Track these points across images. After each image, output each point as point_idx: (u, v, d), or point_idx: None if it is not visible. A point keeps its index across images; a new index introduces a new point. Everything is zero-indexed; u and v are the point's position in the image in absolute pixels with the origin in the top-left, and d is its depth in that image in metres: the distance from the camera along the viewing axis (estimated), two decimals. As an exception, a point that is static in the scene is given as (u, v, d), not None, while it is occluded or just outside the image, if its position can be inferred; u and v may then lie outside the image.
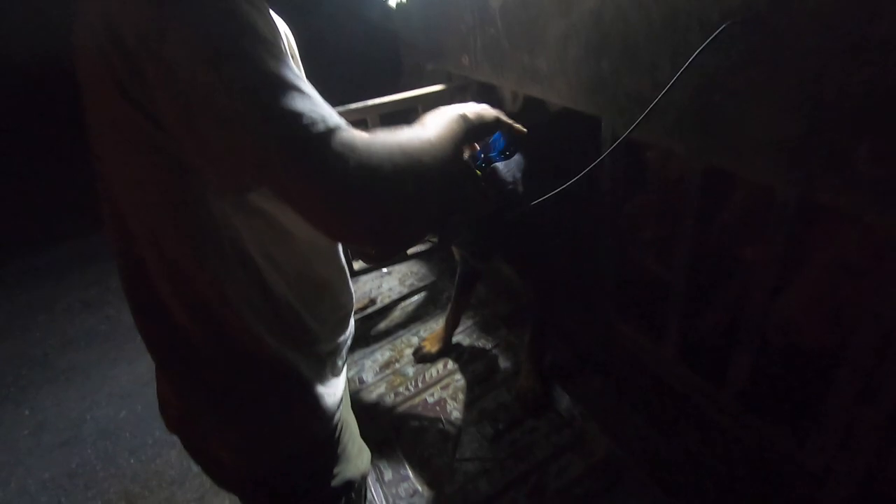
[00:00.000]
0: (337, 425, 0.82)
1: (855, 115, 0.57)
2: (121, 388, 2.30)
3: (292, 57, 0.79)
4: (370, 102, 1.39)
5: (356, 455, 0.91)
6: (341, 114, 1.28)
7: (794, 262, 0.83)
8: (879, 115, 0.54)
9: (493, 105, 0.75)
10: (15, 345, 2.71)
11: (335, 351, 0.80)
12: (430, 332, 1.52)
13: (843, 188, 0.60)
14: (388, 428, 1.23)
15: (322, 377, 0.78)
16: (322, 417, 0.79)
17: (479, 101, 0.93)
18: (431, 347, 1.43)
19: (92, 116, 0.56)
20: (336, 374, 0.83)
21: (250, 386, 0.70)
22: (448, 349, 1.44)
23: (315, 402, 0.76)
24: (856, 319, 0.70)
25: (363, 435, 1.16)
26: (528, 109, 1.36)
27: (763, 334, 0.89)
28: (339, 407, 0.83)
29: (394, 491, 1.09)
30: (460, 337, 1.48)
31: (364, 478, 0.92)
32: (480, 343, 1.45)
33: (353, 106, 1.37)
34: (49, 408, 2.30)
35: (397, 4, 1.47)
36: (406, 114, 1.57)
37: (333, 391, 0.79)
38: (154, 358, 0.70)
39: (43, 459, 2.07)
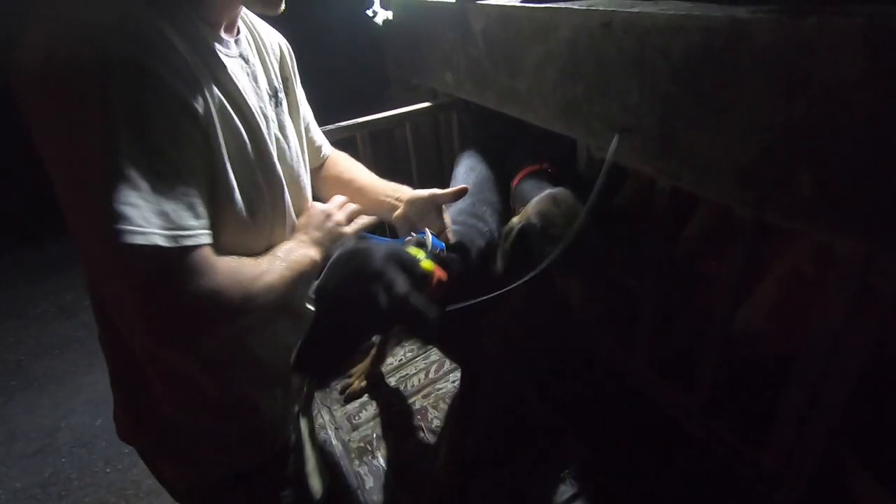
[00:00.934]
0: (286, 448, 0.84)
1: (798, 145, 0.62)
2: (96, 396, 2.27)
3: (284, 78, 0.82)
4: (359, 120, 1.42)
5: (310, 478, 0.92)
6: (331, 132, 1.31)
7: (754, 274, 0.89)
8: (819, 144, 0.60)
9: None
10: (-14, 351, 2.64)
11: (285, 374, 0.81)
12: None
13: (789, 210, 0.66)
14: (369, 436, 1.25)
15: (272, 401, 0.80)
16: (267, 441, 0.81)
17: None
18: (359, 383, 1.37)
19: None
20: (287, 396, 0.84)
21: (196, 415, 0.73)
22: (377, 383, 1.38)
23: (261, 425, 0.79)
24: (808, 326, 0.75)
25: (345, 443, 1.18)
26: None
27: (727, 344, 0.94)
28: (287, 430, 0.85)
29: (374, 498, 1.11)
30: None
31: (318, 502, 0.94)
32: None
33: (344, 124, 1.39)
34: (21, 415, 2.25)
35: (384, 21, 1.51)
36: (392, 130, 1.60)
37: (283, 414, 0.82)
38: (110, 373, 0.74)
39: (14, 469, 2.02)
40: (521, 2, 1.03)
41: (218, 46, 0.64)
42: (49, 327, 2.73)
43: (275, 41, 0.82)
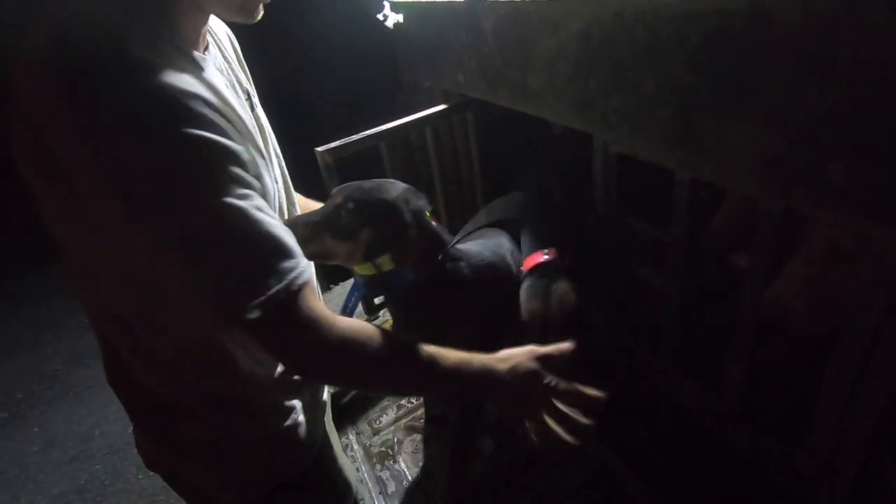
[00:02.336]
0: (321, 453, 0.83)
1: (826, 132, 0.59)
2: (128, 404, 2.34)
3: (238, 63, 0.74)
4: (382, 128, 1.38)
5: (340, 475, 0.92)
6: (353, 144, 1.29)
7: (782, 263, 0.84)
8: (848, 131, 0.57)
9: None
10: (25, 360, 2.75)
11: (316, 386, 0.82)
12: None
13: (818, 199, 0.63)
14: (390, 441, 1.24)
15: (304, 408, 0.79)
16: (305, 448, 0.80)
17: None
18: None
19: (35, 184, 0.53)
20: (318, 401, 0.84)
21: (229, 432, 0.71)
22: None
23: (297, 434, 0.78)
24: (846, 306, 0.70)
25: (366, 448, 1.18)
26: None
27: (756, 337, 0.90)
28: (321, 435, 0.84)
29: (396, 503, 1.11)
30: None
31: (354, 500, 0.93)
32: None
33: (366, 134, 1.36)
34: (58, 424, 2.33)
35: (395, 24, 1.51)
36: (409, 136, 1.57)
37: (313, 418, 0.81)
38: (129, 409, 0.71)
39: (52, 475, 2.09)
40: (531, -3, 1.01)
41: (202, 65, 0.58)
42: (84, 338, 2.83)
43: (222, 31, 0.74)
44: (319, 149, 1.25)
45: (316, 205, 0.94)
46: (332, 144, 1.27)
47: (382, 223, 0.87)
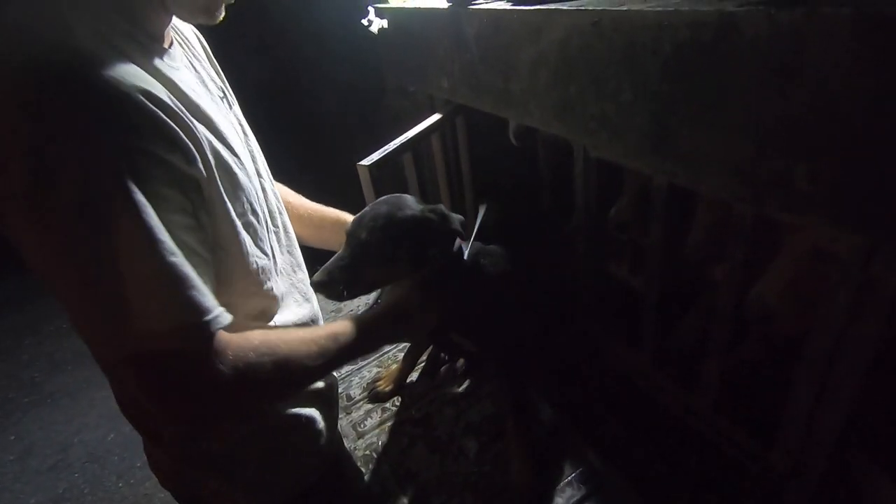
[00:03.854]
0: (339, 454, 0.84)
1: (791, 137, 0.61)
2: (109, 411, 2.29)
3: (209, 62, 0.73)
4: (403, 140, 1.35)
5: (356, 473, 0.93)
6: (391, 155, 1.28)
7: (758, 266, 0.87)
8: (812, 136, 0.59)
9: None
10: (2, 367, 2.68)
11: (332, 387, 0.83)
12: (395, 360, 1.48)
13: (786, 204, 0.65)
14: (375, 444, 1.24)
15: (322, 414, 0.80)
16: (325, 453, 0.81)
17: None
18: (385, 386, 1.37)
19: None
20: (333, 405, 0.85)
21: (252, 444, 0.71)
22: (401, 389, 1.38)
23: (318, 440, 0.79)
24: (822, 303, 0.73)
25: (350, 452, 1.18)
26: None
27: (732, 339, 0.93)
28: (338, 438, 0.85)
29: (381, 506, 1.11)
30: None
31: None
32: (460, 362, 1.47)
33: (391, 148, 1.32)
34: (35, 432, 2.28)
35: (379, 30, 1.52)
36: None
37: (330, 423, 0.82)
38: (143, 433, 0.71)
39: (30, 485, 2.05)
40: (513, 5, 1.03)
41: (167, 62, 0.57)
42: (62, 343, 2.77)
43: (189, 31, 0.73)
44: (363, 163, 1.21)
45: (303, 201, 0.98)
46: (374, 157, 1.24)
47: (417, 238, 0.91)
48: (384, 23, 1.52)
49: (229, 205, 0.60)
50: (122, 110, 0.46)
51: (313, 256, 0.93)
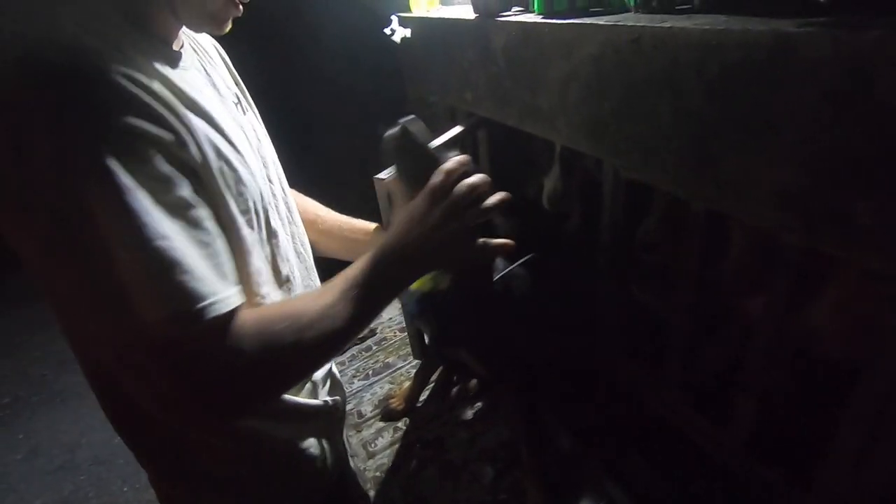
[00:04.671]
0: (337, 478, 0.81)
1: (852, 169, 0.57)
2: (116, 413, 2.29)
3: (225, 67, 0.72)
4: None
5: (361, 493, 0.90)
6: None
7: (800, 302, 0.82)
8: (878, 169, 0.55)
9: None
10: (12, 364, 2.69)
11: (336, 404, 0.79)
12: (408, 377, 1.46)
13: (842, 239, 0.60)
14: (385, 465, 1.20)
15: (323, 432, 0.77)
16: (328, 473, 0.78)
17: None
18: (398, 405, 1.34)
19: None
20: (337, 422, 0.81)
21: (251, 465, 0.68)
22: (413, 408, 1.35)
23: (319, 461, 0.75)
24: (883, 329, 0.67)
25: (360, 471, 1.14)
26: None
27: (771, 369, 0.87)
28: (342, 458, 0.82)
29: (390, 531, 1.07)
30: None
31: None
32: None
33: None
34: (43, 431, 2.28)
35: (402, 39, 1.50)
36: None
37: (333, 442, 0.78)
38: (138, 453, 0.68)
39: (35, 485, 2.04)
40: (543, 18, 1.00)
41: (173, 62, 0.57)
42: (72, 342, 2.78)
43: (206, 40, 0.73)
44: (379, 176, 1.17)
45: (332, 214, 0.95)
46: (392, 171, 1.18)
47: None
48: (407, 32, 1.49)
49: (230, 199, 0.57)
50: (101, 89, 0.44)
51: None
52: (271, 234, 0.67)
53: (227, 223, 0.57)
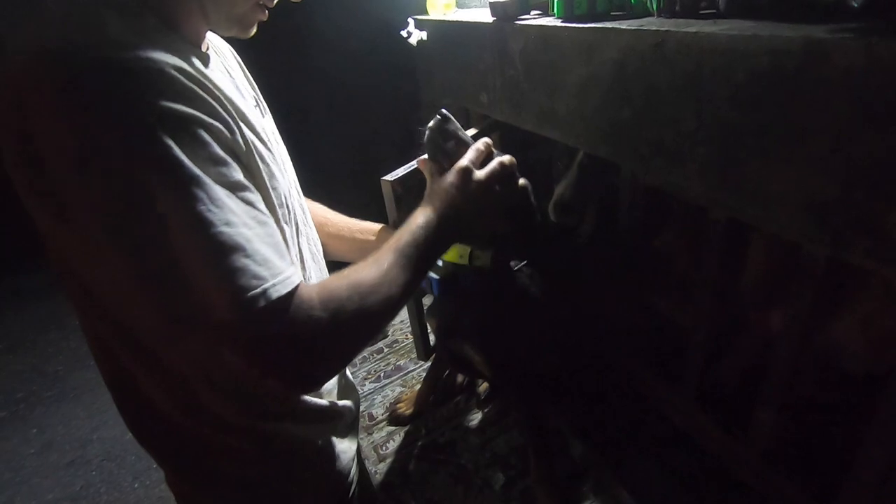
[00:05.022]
0: (352, 481, 0.80)
1: (885, 180, 0.55)
2: (128, 410, 2.31)
3: (242, 73, 0.73)
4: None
5: (375, 498, 0.89)
6: (409, 176, 1.24)
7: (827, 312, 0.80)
8: (914, 183, 0.53)
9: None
10: (27, 359, 2.72)
11: (353, 405, 0.79)
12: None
13: (876, 252, 0.59)
14: (396, 469, 1.20)
15: (342, 433, 0.76)
16: (346, 474, 0.77)
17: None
18: (406, 409, 1.33)
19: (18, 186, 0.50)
20: (353, 423, 0.81)
21: (272, 467, 0.68)
22: (423, 412, 1.34)
23: (338, 462, 0.75)
24: None
25: (371, 475, 1.14)
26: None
27: (792, 381, 0.86)
28: (353, 463, 0.82)
29: (401, 536, 1.06)
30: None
31: None
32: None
33: (416, 163, 1.27)
34: (57, 426, 2.30)
35: (418, 42, 1.50)
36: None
37: (347, 448, 0.78)
38: (156, 456, 0.68)
39: (48, 480, 2.05)
40: (563, 22, 0.99)
41: (203, 63, 0.57)
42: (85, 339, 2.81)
43: (220, 42, 0.73)
44: (386, 178, 1.17)
45: (341, 217, 0.95)
46: (399, 173, 1.18)
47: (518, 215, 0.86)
48: (423, 35, 1.49)
49: (265, 193, 0.58)
50: (156, 79, 0.45)
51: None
52: (298, 233, 0.69)
53: (268, 205, 0.58)
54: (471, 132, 1.42)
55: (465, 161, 0.74)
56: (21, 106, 0.44)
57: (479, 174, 0.73)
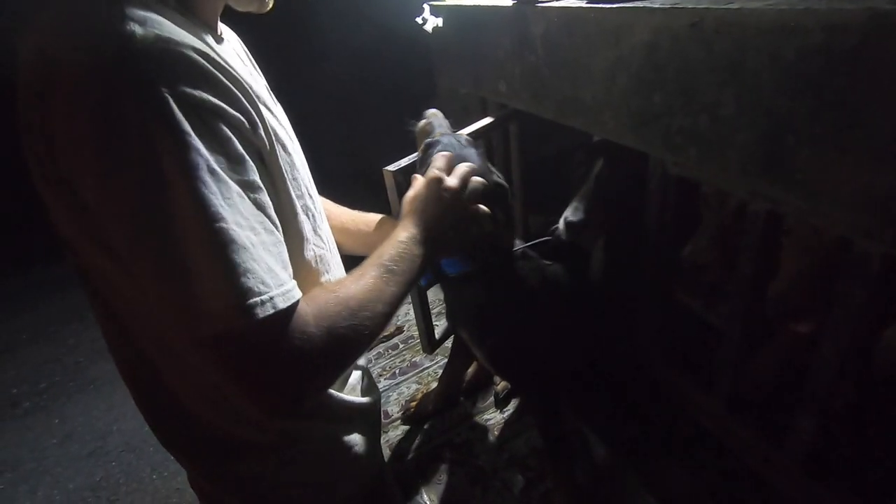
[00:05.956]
0: (374, 479, 0.79)
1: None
2: (146, 402, 2.33)
3: (250, 63, 0.71)
4: None
5: (396, 495, 0.89)
6: (413, 166, 1.20)
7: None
8: None
9: None
10: (49, 350, 2.77)
11: (374, 403, 0.77)
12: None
13: (945, 251, 0.53)
14: (411, 469, 1.17)
15: (365, 431, 0.75)
16: (366, 472, 0.76)
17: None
18: (422, 408, 1.28)
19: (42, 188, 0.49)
20: (376, 421, 0.79)
21: (294, 470, 0.66)
22: (439, 411, 1.28)
23: (361, 459, 0.73)
24: None
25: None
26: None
27: (839, 388, 0.80)
28: (379, 460, 0.80)
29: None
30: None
31: None
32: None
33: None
34: (78, 417, 2.33)
35: (433, 28, 1.45)
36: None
37: (371, 445, 0.76)
38: (178, 455, 0.66)
39: (69, 470, 2.09)
40: (588, 3, 0.93)
41: (221, 47, 0.56)
42: (106, 330, 2.84)
43: (229, 33, 0.71)
44: (389, 168, 1.14)
45: (344, 210, 0.94)
46: (402, 163, 1.15)
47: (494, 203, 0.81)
48: (439, 21, 1.44)
49: (289, 184, 0.57)
50: (183, 65, 0.44)
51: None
52: (317, 226, 0.67)
53: (287, 209, 0.57)
54: (486, 121, 1.37)
55: (434, 171, 0.72)
56: (43, 95, 0.43)
57: (450, 182, 0.71)
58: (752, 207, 0.79)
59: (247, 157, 0.47)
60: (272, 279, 0.46)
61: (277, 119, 0.58)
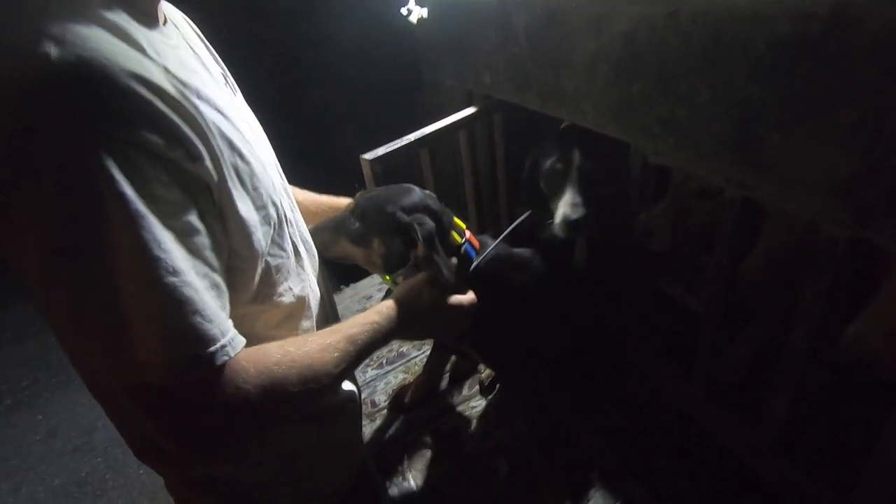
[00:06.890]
0: (356, 473, 0.79)
1: (921, 156, 0.52)
2: (132, 397, 2.31)
3: (203, 45, 0.65)
4: (420, 134, 1.27)
5: (378, 482, 0.89)
6: (402, 150, 1.19)
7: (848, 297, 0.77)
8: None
9: None
10: (32, 348, 2.73)
11: (353, 400, 0.78)
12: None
13: (904, 233, 0.55)
14: (398, 457, 1.19)
15: (344, 432, 0.75)
16: (348, 468, 0.77)
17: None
18: (409, 397, 1.29)
19: None
20: (355, 420, 0.80)
21: (275, 471, 0.66)
22: (425, 399, 1.30)
23: (341, 460, 0.75)
24: None
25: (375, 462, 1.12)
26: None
27: (806, 374, 0.83)
28: (361, 454, 0.80)
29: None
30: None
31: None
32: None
33: (408, 141, 1.24)
34: (62, 413, 2.31)
35: (419, 20, 1.45)
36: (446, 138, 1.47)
37: (351, 439, 0.77)
38: (166, 475, 0.65)
39: (53, 466, 2.07)
40: (570, -6, 0.94)
41: (165, 39, 0.50)
42: (90, 326, 2.81)
43: (177, 15, 0.64)
44: (366, 156, 1.14)
45: (328, 200, 0.94)
46: (379, 152, 1.16)
47: (390, 237, 0.83)
48: (424, 12, 1.44)
49: (248, 197, 0.53)
50: (109, 97, 0.39)
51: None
52: (288, 223, 0.64)
53: (240, 229, 0.52)
54: (469, 111, 1.37)
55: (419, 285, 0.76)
56: None
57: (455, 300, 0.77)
58: (727, 195, 0.81)
59: (184, 197, 0.44)
60: (214, 332, 0.44)
61: (231, 122, 0.53)
